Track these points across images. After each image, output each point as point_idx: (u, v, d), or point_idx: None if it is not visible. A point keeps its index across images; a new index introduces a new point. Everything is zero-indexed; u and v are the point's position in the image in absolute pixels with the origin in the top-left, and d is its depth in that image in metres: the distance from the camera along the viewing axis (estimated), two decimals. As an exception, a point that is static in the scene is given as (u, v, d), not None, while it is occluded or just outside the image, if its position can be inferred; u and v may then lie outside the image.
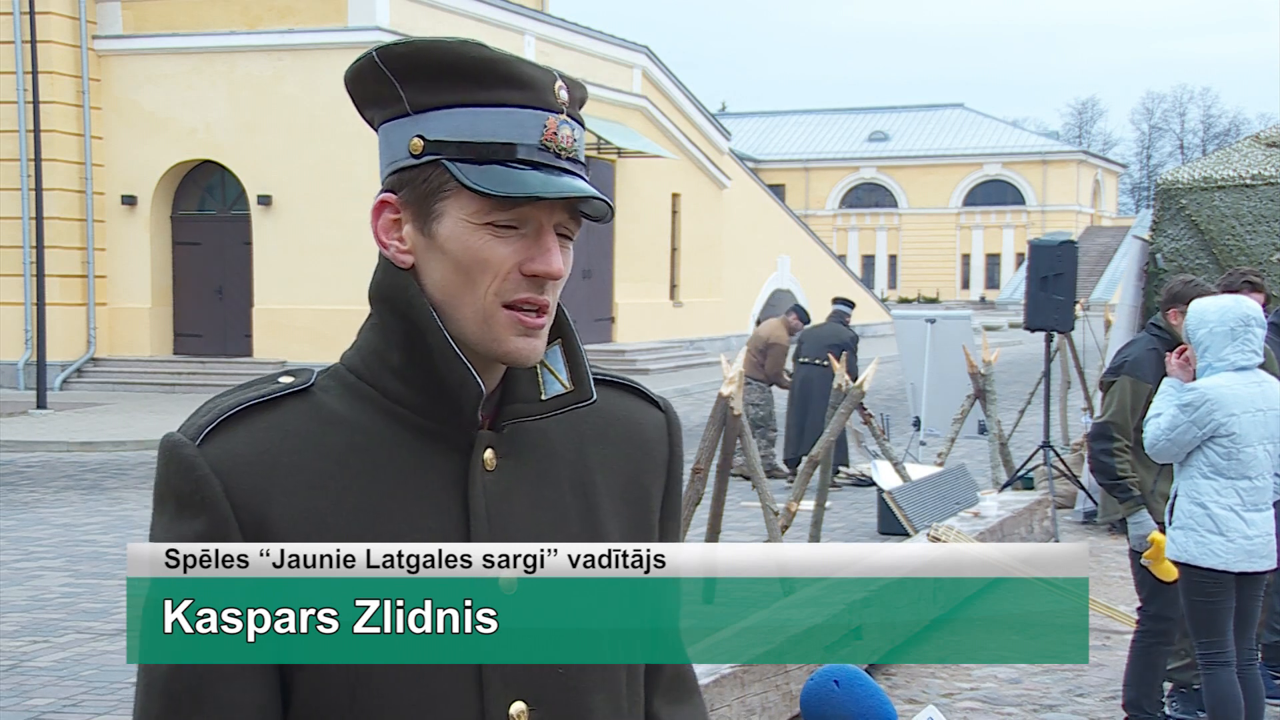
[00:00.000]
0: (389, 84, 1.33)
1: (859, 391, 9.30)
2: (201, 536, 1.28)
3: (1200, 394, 4.86)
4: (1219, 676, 4.98)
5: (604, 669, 1.38)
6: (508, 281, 1.30)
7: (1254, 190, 9.65)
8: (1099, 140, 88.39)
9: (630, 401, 1.50)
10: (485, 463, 1.35)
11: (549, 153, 1.31)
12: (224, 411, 1.32)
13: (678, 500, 1.52)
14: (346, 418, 1.34)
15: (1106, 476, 5.46)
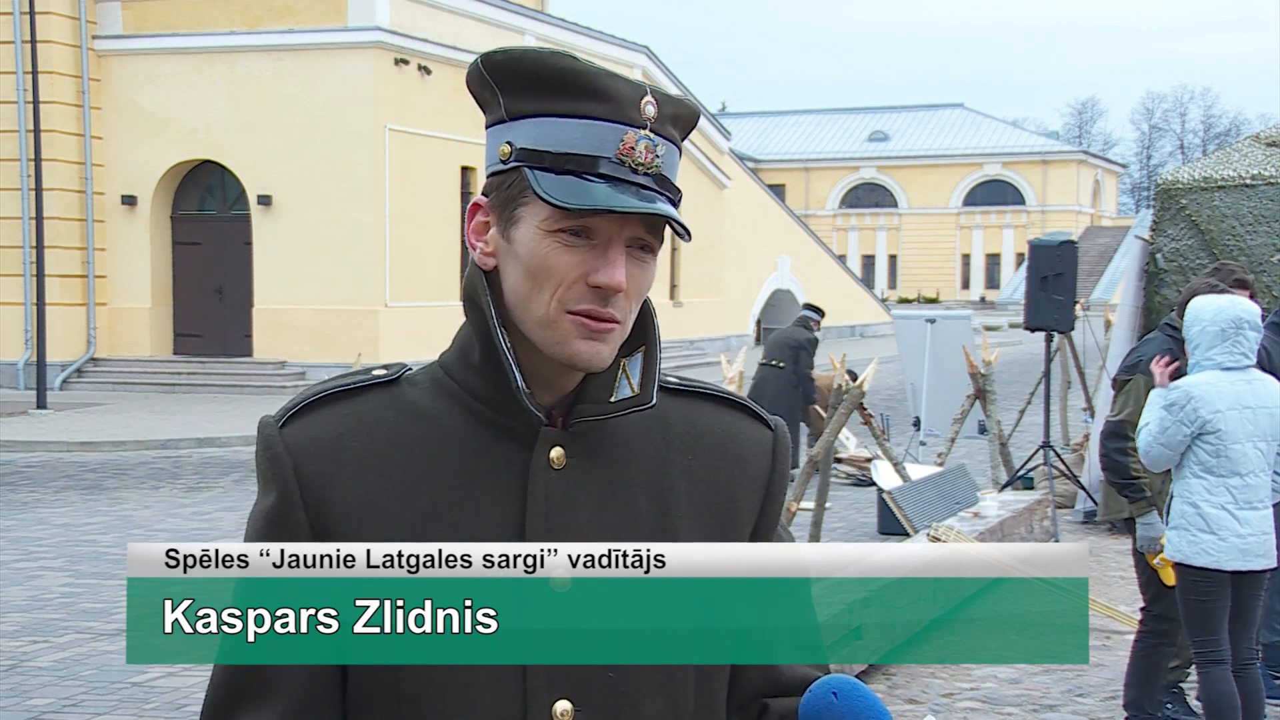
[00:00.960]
0: (491, 90, 1.37)
1: (859, 391, 9.30)
2: (273, 511, 1.35)
3: (1183, 392, 4.90)
4: (1213, 674, 4.99)
5: (663, 673, 1.37)
6: (572, 290, 1.33)
7: (1254, 190, 9.65)
8: (1099, 140, 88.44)
9: (731, 416, 1.50)
10: (553, 460, 1.37)
11: (624, 167, 1.32)
12: (311, 396, 1.39)
13: (775, 517, 1.51)
14: (426, 410, 1.38)
15: (1119, 475, 5.45)
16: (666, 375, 1.49)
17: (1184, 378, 4.99)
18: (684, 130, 1.39)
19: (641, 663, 1.35)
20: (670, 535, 1.40)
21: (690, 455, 1.45)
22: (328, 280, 21.12)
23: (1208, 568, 4.93)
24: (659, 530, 1.40)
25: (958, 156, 63.25)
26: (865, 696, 1.37)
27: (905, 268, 64.34)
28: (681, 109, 1.37)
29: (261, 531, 1.35)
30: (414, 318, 21.10)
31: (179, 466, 14.43)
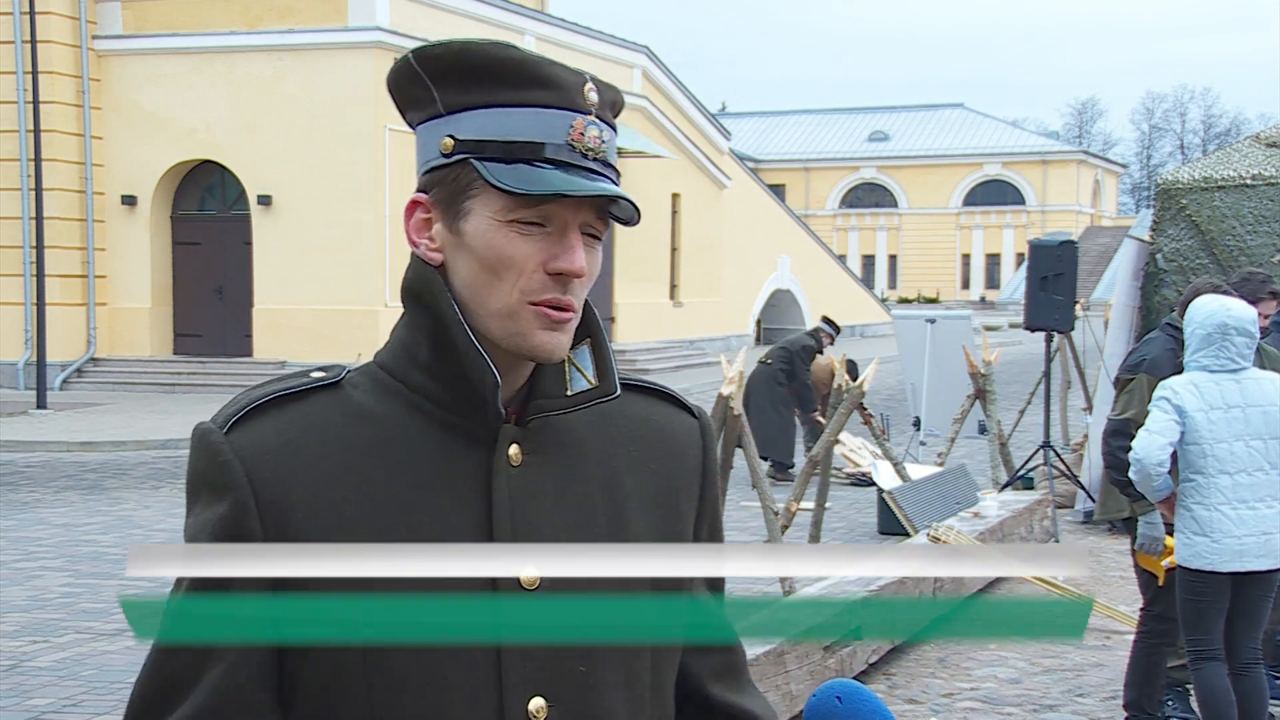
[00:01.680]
0: (424, 85, 1.35)
1: (859, 391, 9.30)
2: (225, 520, 1.30)
3: (1170, 388, 4.97)
4: (1206, 671, 5.00)
5: (625, 666, 1.38)
6: (533, 280, 1.32)
7: (1254, 190, 9.64)
8: (1099, 140, 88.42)
9: (662, 407, 1.51)
10: (510, 458, 1.36)
11: (575, 152, 1.32)
12: (253, 401, 1.35)
13: (713, 504, 1.52)
14: (374, 412, 1.36)
15: (1123, 474, 5.44)
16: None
17: (1170, 378, 5.06)
18: (616, 116, 1.40)
19: (606, 657, 1.36)
20: (625, 528, 1.41)
21: (632, 447, 1.45)
22: (328, 280, 21.12)
23: (1202, 569, 4.94)
24: (614, 523, 1.40)
25: (958, 156, 63.24)
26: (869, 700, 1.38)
27: (905, 268, 64.33)
28: (616, 95, 1.39)
29: (213, 540, 1.31)
30: (414, 318, 21.07)
31: (179, 466, 14.42)
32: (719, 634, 1.53)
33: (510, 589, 1.32)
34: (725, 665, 1.54)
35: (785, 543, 8.04)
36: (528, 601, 1.32)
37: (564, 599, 1.34)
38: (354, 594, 1.28)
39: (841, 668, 5.92)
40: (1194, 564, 4.95)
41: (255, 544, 1.30)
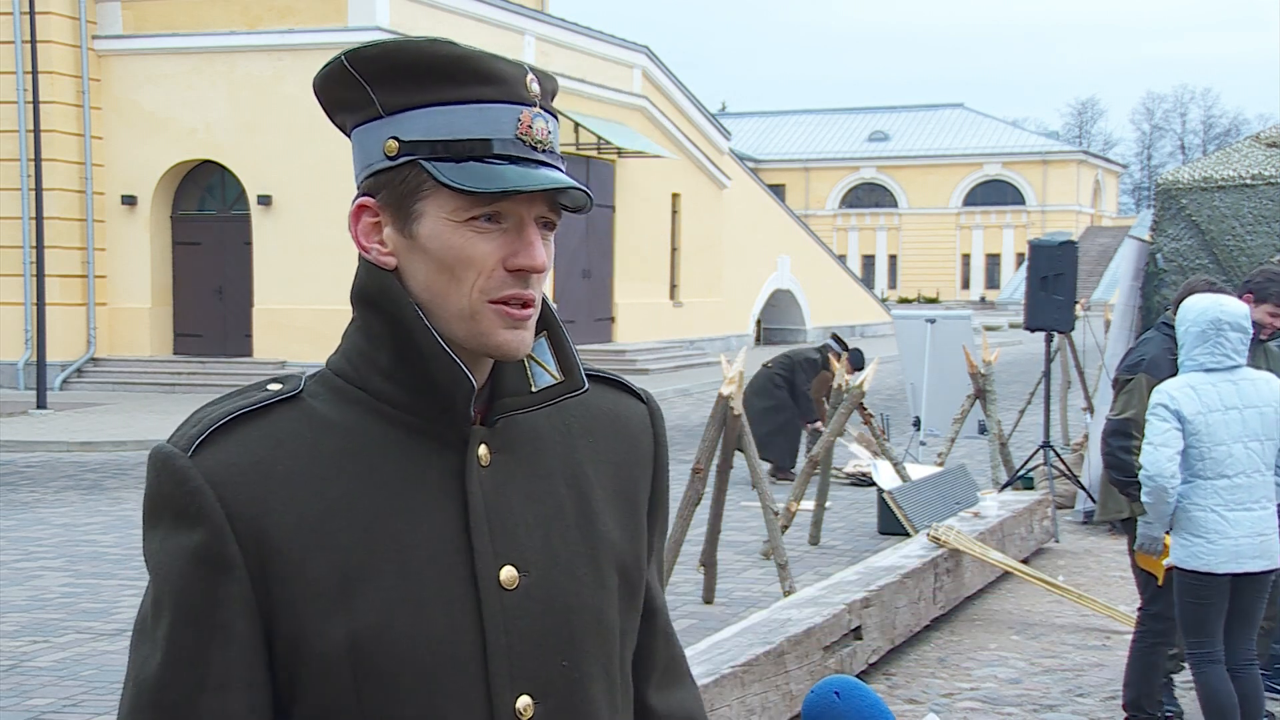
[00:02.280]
0: (359, 87, 1.33)
1: (859, 391, 9.30)
2: (201, 548, 1.28)
3: (1166, 393, 4.94)
4: (1209, 674, 5.00)
5: (603, 660, 1.39)
6: (492, 278, 1.31)
7: (1254, 190, 9.64)
8: (1099, 140, 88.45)
9: (613, 395, 1.51)
10: (480, 458, 1.35)
11: (525, 145, 1.31)
12: (215, 421, 1.31)
13: (664, 491, 1.53)
14: (339, 422, 1.34)
15: (1123, 474, 5.44)
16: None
17: (1166, 381, 5.03)
18: (553, 102, 1.40)
19: (586, 652, 1.37)
20: (592, 521, 1.41)
21: (590, 438, 1.45)
22: (328, 280, 21.10)
23: (1199, 571, 4.94)
24: (581, 516, 1.41)
25: (958, 156, 63.24)
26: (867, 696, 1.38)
27: (905, 268, 64.33)
28: (554, 84, 1.38)
29: (189, 569, 1.27)
30: (414, 318, 21.08)
31: (179, 466, 14.42)
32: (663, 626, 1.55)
33: (492, 590, 1.32)
34: (665, 663, 1.55)
35: (785, 543, 8.03)
36: (509, 601, 1.33)
37: (543, 596, 1.35)
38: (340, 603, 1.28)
39: (842, 667, 5.92)
40: (1191, 566, 4.95)
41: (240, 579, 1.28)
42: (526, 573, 1.34)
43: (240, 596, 1.28)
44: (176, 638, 1.28)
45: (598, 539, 1.41)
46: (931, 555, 7.37)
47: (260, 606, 1.28)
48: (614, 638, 1.41)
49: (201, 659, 1.28)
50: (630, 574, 1.44)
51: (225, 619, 1.28)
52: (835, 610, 6.00)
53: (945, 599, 7.52)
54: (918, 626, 7.12)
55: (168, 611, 1.29)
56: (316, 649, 1.29)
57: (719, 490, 7.78)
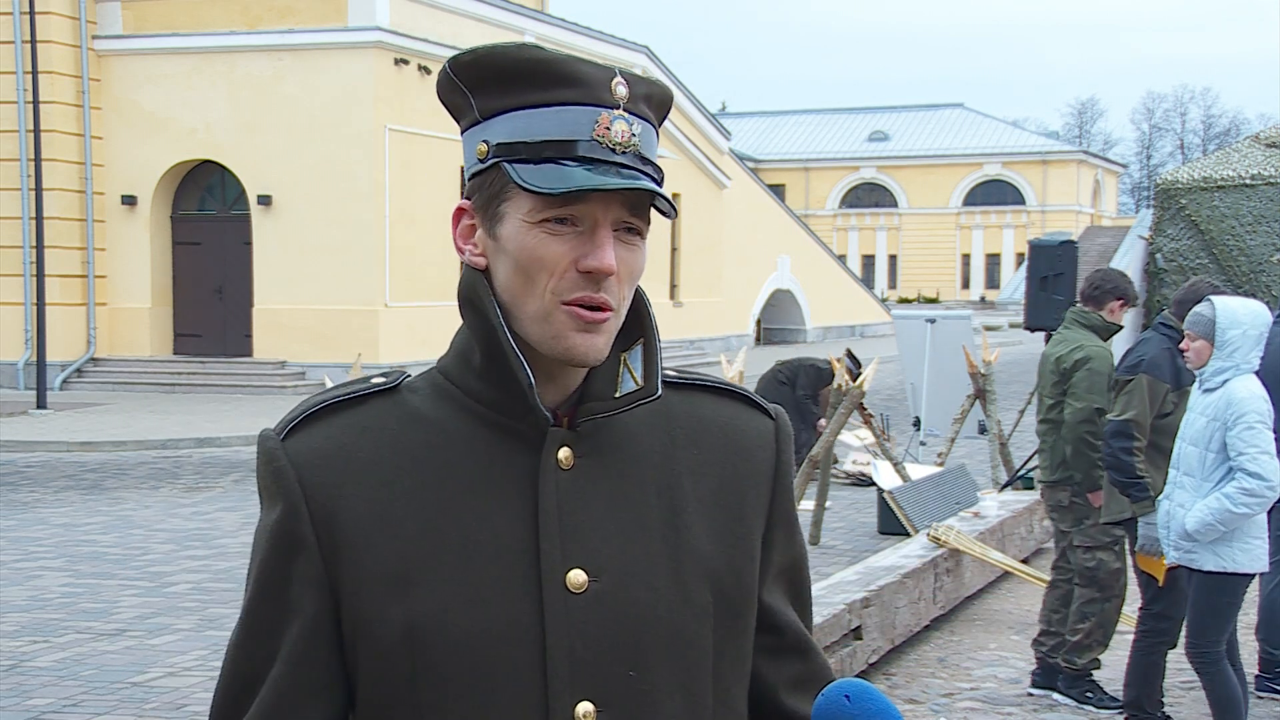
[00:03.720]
0: (462, 94, 1.37)
1: (859, 391, 9.30)
2: (279, 523, 1.34)
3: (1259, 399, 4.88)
4: (1226, 671, 5.03)
5: (681, 677, 1.36)
6: (564, 280, 1.31)
7: (1254, 190, 9.65)
8: (1099, 140, 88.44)
9: (733, 408, 1.49)
10: (561, 461, 1.35)
11: (603, 148, 1.31)
12: (310, 408, 1.38)
13: (786, 508, 1.49)
14: (428, 416, 1.37)
15: (1124, 475, 5.45)
16: (666, 368, 1.47)
17: (1245, 386, 4.91)
18: (659, 110, 1.38)
19: (660, 657, 1.34)
20: (681, 532, 1.39)
21: (695, 449, 1.43)
22: (328, 280, 21.11)
23: (1240, 573, 4.95)
24: (669, 527, 1.38)
25: (958, 156, 63.24)
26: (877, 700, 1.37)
27: (905, 268, 64.33)
28: (654, 89, 1.37)
29: (269, 545, 1.35)
30: (414, 318, 21.11)
31: (179, 466, 14.43)
32: (792, 643, 1.49)
33: (557, 592, 1.32)
34: (802, 674, 1.49)
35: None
36: (575, 605, 1.32)
37: (613, 603, 1.33)
38: (400, 591, 1.31)
39: (842, 667, 5.92)
40: (1253, 569, 4.94)
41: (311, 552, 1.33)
42: (597, 578, 1.33)
43: (312, 576, 1.33)
44: (255, 610, 1.36)
45: (686, 552, 1.38)
46: (931, 555, 7.37)
47: (331, 588, 1.33)
48: (699, 655, 1.37)
49: (275, 632, 1.34)
50: (729, 592, 1.40)
51: (296, 596, 1.33)
52: (835, 610, 6.00)
53: (945, 599, 7.52)
54: (918, 626, 7.12)
55: (252, 584, 1.37)
56: (375, 634, 1.31)
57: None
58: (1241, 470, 4.80)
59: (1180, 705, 5.98)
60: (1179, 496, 5.01)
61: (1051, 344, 6.32)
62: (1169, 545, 5.08)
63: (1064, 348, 6.14)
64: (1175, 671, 6.17)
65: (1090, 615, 6.15)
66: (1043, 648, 6.33)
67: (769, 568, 1.46)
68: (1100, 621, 6.16)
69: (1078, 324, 6.18)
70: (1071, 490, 6.12)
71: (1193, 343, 5.01)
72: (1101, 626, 6.17)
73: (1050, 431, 6.22)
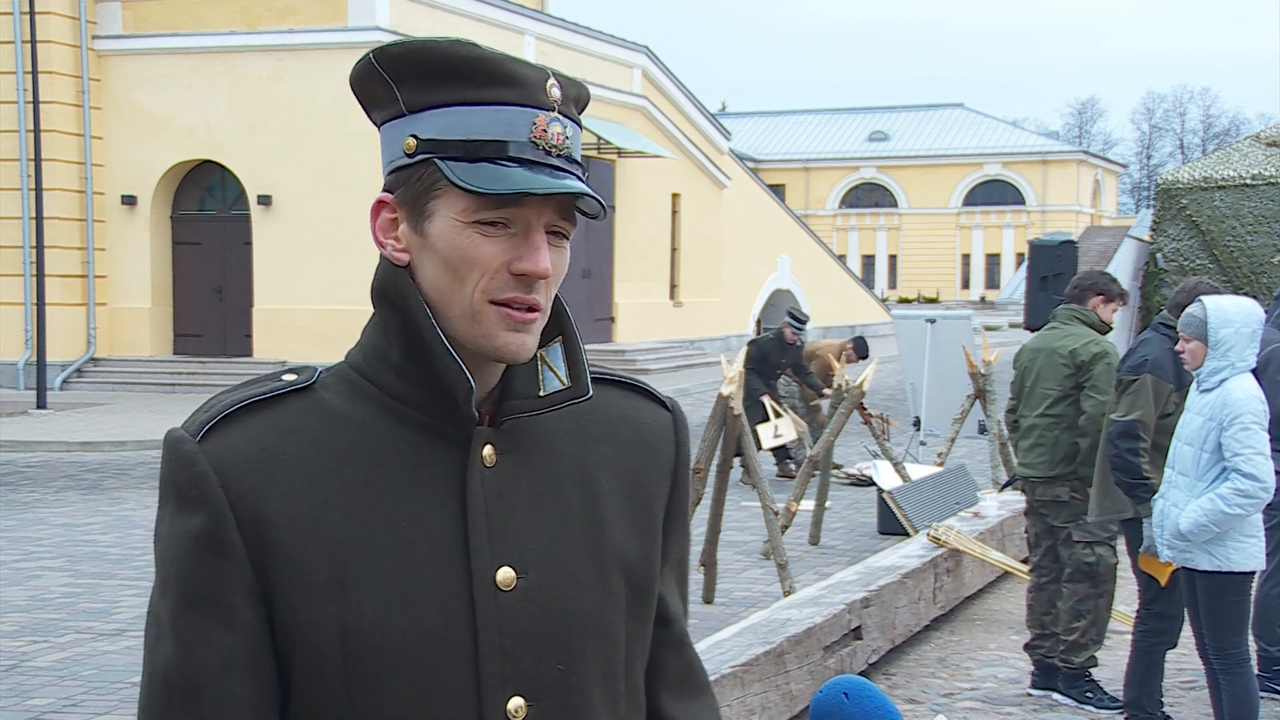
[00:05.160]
0: (386, 85, 1.34)
1: (859, 391, 9.30)
2: (202, 532, 1.30)
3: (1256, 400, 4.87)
4: (1249, 673, 5.02)
5: (603, 667, 1.38)
6: (495, 280, 1.31)
7: (1254, 190, 9.65)
8: (1099, 140, 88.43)
9: (636, 401, 1.50)
10: (484, 459, 1.35)
11: (539, 150, 1.31)
12: (226, 408, 1.34)
13: (684, 501, 1.51)
14: (348, 415, 1.35)
15: (1130, 475, 5.43)
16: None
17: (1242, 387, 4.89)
18: (581, 110, 1.38)
19: (584, 657, 1.36)
20: (600, 526, 1.40)
21: (607, 445, 1.45)
22: (328, 280, 21.11)
23: (1249, 571, 4.95)
24: (590, 522, 1.40)
25: (958, 156, 63.24)
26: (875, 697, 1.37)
27: (905, 268, 64.32)
28: (580, 90, 1.37)
29: (190, 552, 1.30)
30: (414, 318, 21.08)
31: (179, 466, 14.41)
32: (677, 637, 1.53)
33: (488, 590, 1.32)
34: (681, 671, 1.53)
35: (785, 543, 8.03)
36: (505, 602, 1.33)
37: (541, 599, 1.34)
38: (332, 594, 1.29)
39: (842, 667, 5.92)
40: (1249, 566, 4.93)
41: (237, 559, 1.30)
42: (525, 574, 1.34)
43: (242, 581, 1.30)
44: (182, 621, 1.31)
45: (604, 545, 1.40)
46: (931, 555, 7.37)
47: (262, 593, 1.30)
48: (617, 645, 1.40)
49: (206, 642, 1.30)
50: (640, 582, 1.43)
51: (229, 603, 1.30)
52: (835, 610, 6.00)
53: (945, 599, 7.52)
54: (918, 626, 7.12)
55: (173, 594, 1.32)
56: (309, 639, 1.30)
57: (719, 490, 7.79)
58: (1235, 471, 4.80)
59: (1180, 705, 5.98)
60: (1173, 496, 5.01)
61: (1047, 338, 6.27)
62: (1163, 544, 5.08)
63: (1075, 340, 6.10)
64: (1175, 671, 6.18)
65: (1085, 613, 6.14)
66: (1039, 650, 6.33)
67: (665, 559, 1.49)
68: (1095, 619, 6.15)
69: (1077, 320, 6.17)
70: (1071, 486, 6.11)
71: (1187, 344, 5.01)
72: (1096, 624, 6.16)
73: (1053, 426, 6.16)
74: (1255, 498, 4.78)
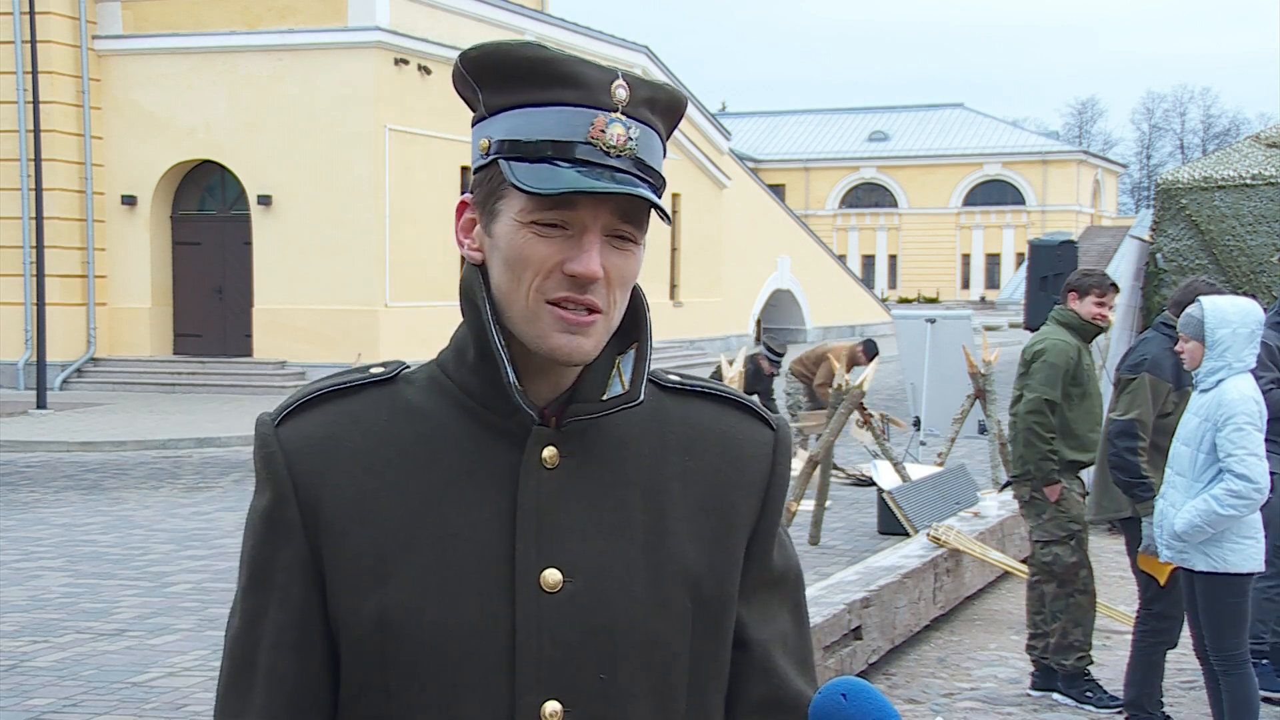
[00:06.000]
0: (471, 88, 1.37)
1: (859, 391, 9.31)
2: (269, 508, 1.36)
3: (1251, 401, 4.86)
4: (1250, 674, 5.01)
5: (654, 680, 1.35)
6: (550, 280, 1.31)
7: (1254, 190, 9.65)
8: (1099, 140, 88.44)
9: (732, 416, 1.47)
10: (545, 460, 1.35)
11: (597, 150, 1.30)
12: (306, 395, 1.40)
13: (774, 521, 1.47)
14: (421, 408, 1.38)
15: (1128, 474, 5.43)
16: (667, 373, 1.47)
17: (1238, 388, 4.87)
18: (666, 115, 1.37)
19: (631, 661, 1.34)
20: (664, 537, 1.38)
21: (687, 456, 1.42)
22: (328, 280, 21.11)
23: (1249, 572, 4.94)
24: (653, 532, 1.37)
25: (958, 156, 63.23)
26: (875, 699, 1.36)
27: (905, 268, 64.32)
28: (659, 93, 1.35)
29: (258, 529, 1.37)
30: (414, 318, 21.11)
31: (179, 466, 14.43)
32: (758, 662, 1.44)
33: (530, 590, 1.32)
34: (766, 698, 1.44)
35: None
36: (547, 604, 1.32)
37: (586, 604, 1.33)
38: (375, 581, 1.32)
39: (842, 667, 5.92)
40: (1247, 568, 4.93)
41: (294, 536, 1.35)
42: (572, 578, 1.33)
43: (299, 561, 1.35)
44: (247, 594, 1.38)
45: (665, 557, 1.37)
46: (931, 555, 7.37)
47: (316, 575, 1.35)
48: (673, 661, 1.36)
49: (264, 617, 1.36)
50: (709, 600, 1.38)
51: (283, 581, 1.35)
52: (835, 610, 6.00)
53: (945, 599, 7.52)
54: (918, 626, 7.12)
55: (245, 568, 1.39)
56: (349, 623, 1.33)
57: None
58: (1229, 472, 4.79)
59: (1180, 705, 5.98)
60: (1172, 496, 5.01)
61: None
62: (1161, 544, 5.08)
63: (1030, 341, 6.19)
64: (1175, 671, 6.17)
65: (1059, 613, 6.13)
66: (1035, 650, 6.33)
67: (753, 580, 1.44)
68: (1073, 618, 6.12)
69: (1054, 320, 6.20)
70: (1031, 485, 6.11)
71: (1185, 344, 5.01)
72: (1078, 624, 6.13)
73: (1014, 425, 6.21)
74: (1248, 499, 4.78)
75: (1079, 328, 6.08)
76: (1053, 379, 5.93)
